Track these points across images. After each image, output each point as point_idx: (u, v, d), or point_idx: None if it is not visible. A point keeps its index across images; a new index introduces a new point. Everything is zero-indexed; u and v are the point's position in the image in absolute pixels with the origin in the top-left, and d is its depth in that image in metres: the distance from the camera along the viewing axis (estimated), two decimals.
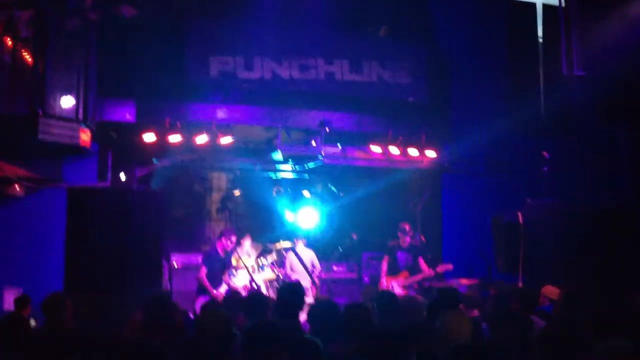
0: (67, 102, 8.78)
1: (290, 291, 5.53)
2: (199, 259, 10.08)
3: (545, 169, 9.79)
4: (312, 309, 5.37)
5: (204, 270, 9.51)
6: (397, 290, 9.91)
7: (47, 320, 5.74)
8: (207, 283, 9.42)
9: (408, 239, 10.33)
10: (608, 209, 9.92)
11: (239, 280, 9.90)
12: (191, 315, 8.32)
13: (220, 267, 9.70)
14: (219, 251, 9.74)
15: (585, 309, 5.00)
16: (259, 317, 5.28)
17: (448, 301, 5.83)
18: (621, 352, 3.41)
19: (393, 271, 10.31)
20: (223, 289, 9.49)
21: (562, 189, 10.03)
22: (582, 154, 10.57)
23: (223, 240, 9.80)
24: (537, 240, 9.55)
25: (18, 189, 9.37)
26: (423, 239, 11.35)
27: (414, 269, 10.21)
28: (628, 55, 9.61)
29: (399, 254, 10.35)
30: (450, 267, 10.06)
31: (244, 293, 9.26)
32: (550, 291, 7.25)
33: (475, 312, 6.58)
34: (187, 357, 4.02)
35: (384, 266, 10.43)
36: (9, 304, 8.98)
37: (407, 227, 10.40)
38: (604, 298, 5.86)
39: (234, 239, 9.87)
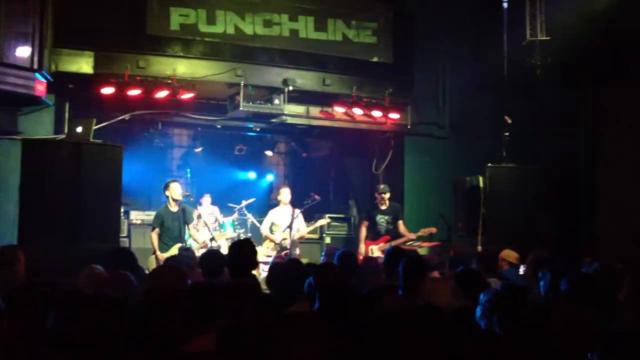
0: (23, 50, 8.50)
1: (241, 248, 5.46)
2: None
3: (507, 133, 9.85)
4: (273, 268, 5.35)
5: (155, 231, 9.27)
6: (377, 254, 9.46)
7: None
8: (155, 245, 9.16)
9: (386, 200, 10.06)
10: (566, 173, 10.10)
11: (200, 237, 9.81)
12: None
13: (175, 221, 9.41)
14: (168, 206, 9.44)
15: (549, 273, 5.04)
16: (215, 274, 5.23)
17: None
18: (576, 318, 3.44)
19: (373, 236, 10.08)
20: (169, 254, 9.11)
21: (523, 154, 10.11)
22: (543, 118, 10.65)
23: (166, 192, 9.42)
24: (498, 204, 9.68)
25: None
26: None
27: (394, 233, 9.97)
28: (591, 19, 9.67)
29: (378, 217, 10.07)
30: (433, 230, 9.70)
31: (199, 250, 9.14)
32: (508, 255, 7.35)
33: (435, 274, 6.63)
34: (142, 310, 3.94)
35: (363, 231, 10.16)
36: None
37: (381, 187, 10.18)
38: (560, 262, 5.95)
39: (176, 185, 9.41)
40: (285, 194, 10.46)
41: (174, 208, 9.30)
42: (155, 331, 3.30)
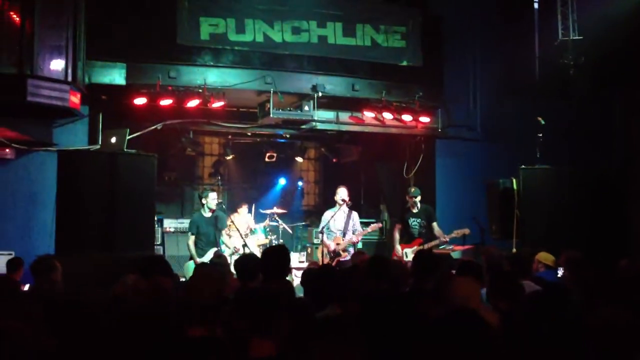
0: (57, 63, 8.66)
1: (275, 254, 5.48)
2: None
3: (540, 134, 9.73)
4: (306, 273, 5.35)
5: (192, 238, 9.42)
6: (411, 257, 9.03)
7: (36, 282, 5.71)
8: (192, 251, 9.33)
9: (418, 203, 9.90)
10: (600, 174, 9.94)
11: (231, 243, 9.89)
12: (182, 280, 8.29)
13: (210, 226, 9.53)
14: (203, 213, 9.57)
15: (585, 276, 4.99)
16: (250, 278, 5.26)
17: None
18: (616, 321, 3.39)
19: (406, 239, 9.99)
20: (207, 258, 9.32)
21: (557, 155, 9.99)
22: (576, 119, 10.51)
23: (202, 200, 9.64)
24: (531, 207, 9.56)
25: (8, 152, 9.26)
26: None
27: (427, 236, 9.89)
28: (624, 19, 9.53)
29: (410, 219, 9.97)
30: (467, 231, 9.60)
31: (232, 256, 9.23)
32: (545, 257, 7.27)
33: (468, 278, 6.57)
34: (179, 318, 3.98)
35: (396, 234, 10.08)
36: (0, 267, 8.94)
37: (412, 190, 10.07)
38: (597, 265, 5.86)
39: (213, 195, 9.64)
40: (342, 194, 10.01)
41: (207, 214, 9.43)
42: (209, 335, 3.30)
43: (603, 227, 9.41)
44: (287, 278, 5.64)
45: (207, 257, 9.12)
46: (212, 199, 9.50)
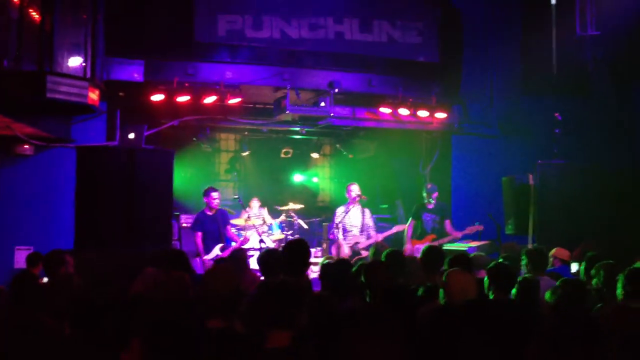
0: (75, 60, 8.74)
1: (297, 248, 5.52)
2: None
3: (558, 130, 9.69)
4: (325, 267, 5.39)
5: (198, 235, 9.55)
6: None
7: (47, 275, 5.80)
8: (200, 248, 9.47)
9: (434, 199, 10.01)
10: (618, 170, 9.87)
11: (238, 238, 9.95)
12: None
13: (213, 224, 9.63)
14: (206, 211, 9.68)
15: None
16: (272, 272, 5.30)
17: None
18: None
19: (419, 235, 10.04)
20: (213, 254, 9.46)
21: (574, 150, 9.93)
22: (594, 114, 10.44)
23: (206, 198, 9.74)
24: (548, 202, 9.52)
25: (27, 148, 9.36)
26: None
27: (441, 232, 9.94)
28: None
29: (425, 215, 10.04)
30: (480, 228, 9.67)
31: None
32: (561, 253, 7.27)
33: (482, 273, 6.58)
34: (195, 313, 4.02)
35: (409, 229, 10.13)
36: (19, 262, 9.05)
37: (429, 186, 10.15)
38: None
39: (216, 194, 9.75)
40: (357, 190, 10.14)
41: (211, 212, 9.53)
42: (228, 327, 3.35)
43: (620, 224, 9.36)
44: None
45: (213, 253, 9.28)
46: (214, 198, 9.61)
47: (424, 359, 2.87)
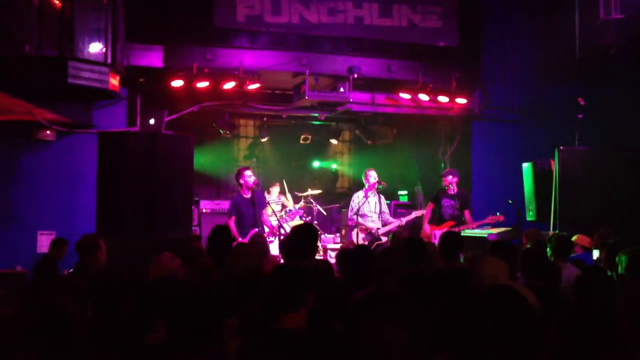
0: (96, 46, 8.78)
1: (301, 232, 5.52)
2: (227, 205, 9.95)
3: (580, 115, 9.58)
4: (341, 254, 5.39)
5: (232, 219, 9.32)
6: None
7: (80, 260, 5.84)
8: (235, 232, 9.23)
9: (455, 185, 9.97)
10: None
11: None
12: None
13: (249, 207, 9.42)
14: (243, 193, 9.55)
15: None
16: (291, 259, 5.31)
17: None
18: None
19: (437, 220, 10.04)
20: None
21: (597, 136, 9.82)
22: (617, 100, 10.29)
23: (239, 179, 9.36)
24: (569, 188, 9.42)
25: (49, 134, 9.44)
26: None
27: (459, 220, 9.91)
28: None
29: (444, 200, 10.01)
30: (501, 218, 9.62)
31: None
32: (582, 239, 7.22)
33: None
34: (216, 296, 4.05)
35: (428, 213, 10.13)
36: (42, 247, 9.16)
37: (452, 174, 10.11)
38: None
39: (248, 172, 9.34)
40: (375, 175, 10.12)
41: (247, 194, 9.32)
42: (247, 309, 3.38)
43: None
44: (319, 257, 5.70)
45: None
46: (247, 176, 9.22)
47: (447, 346, 2.86)
